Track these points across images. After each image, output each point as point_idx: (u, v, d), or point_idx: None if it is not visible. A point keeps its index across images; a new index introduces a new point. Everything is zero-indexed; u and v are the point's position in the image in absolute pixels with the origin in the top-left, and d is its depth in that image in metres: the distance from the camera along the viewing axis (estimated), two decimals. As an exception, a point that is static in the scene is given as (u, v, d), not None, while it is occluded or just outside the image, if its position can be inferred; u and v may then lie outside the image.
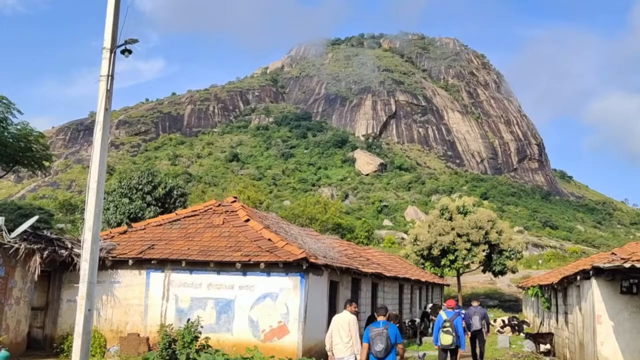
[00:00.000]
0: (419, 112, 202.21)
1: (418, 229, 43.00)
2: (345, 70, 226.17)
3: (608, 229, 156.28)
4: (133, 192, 32.81)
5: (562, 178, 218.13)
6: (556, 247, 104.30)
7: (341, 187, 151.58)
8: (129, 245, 17.38)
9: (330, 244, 21.57)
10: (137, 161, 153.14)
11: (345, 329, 10.77)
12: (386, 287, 24.30)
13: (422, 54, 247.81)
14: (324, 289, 16.81)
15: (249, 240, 16.60)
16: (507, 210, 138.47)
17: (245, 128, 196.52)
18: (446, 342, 13.98)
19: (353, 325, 10.88)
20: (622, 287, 12.73)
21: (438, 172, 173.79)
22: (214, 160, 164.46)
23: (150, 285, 16.49)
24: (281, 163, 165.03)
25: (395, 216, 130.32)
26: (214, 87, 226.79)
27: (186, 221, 18.64)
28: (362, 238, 67.18)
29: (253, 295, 15.53)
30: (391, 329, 10.12)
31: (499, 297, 48.35)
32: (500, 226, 41.36)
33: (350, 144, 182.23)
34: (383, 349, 9.81)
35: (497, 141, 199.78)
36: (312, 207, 67.85)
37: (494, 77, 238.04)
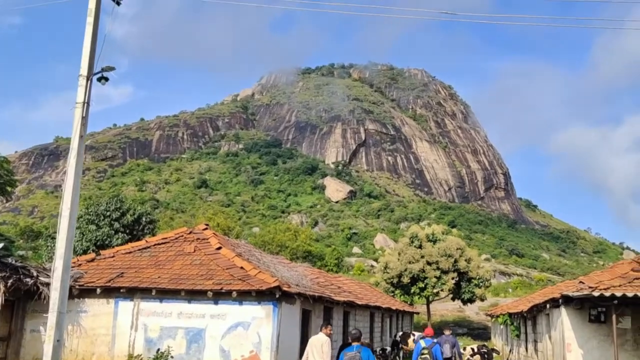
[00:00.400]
0: (388, 140, 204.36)
1: (388, 257, 43.13)
2: (316, 98, 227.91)
3: (572, 257, 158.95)
4: (100, 218, 32.25)
5: (527, 207, 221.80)
6: (522, 275, 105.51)
7: (311, 214, 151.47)
8: (97, 273, 17.05)
9: (302, 272, 21.49)
10: (103, 187, 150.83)
11: (318, 350, 11.07)
12: (358, 315, 24.24)
13: (391, 84, 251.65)
14: (296, 317, 16.70)
15: (221, 269, 16.44)
16: (475, 239, 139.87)
17: (215, 154, 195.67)
18: None
19: (326, 346, 11.14)
20: (590, 316, 12.98)
21: (407, 199, 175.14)
22: (182, 186, 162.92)
23: (118, 314, 16.16)
24: (250, 190, 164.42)
25: (364, 243, 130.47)
26: (184, 113, 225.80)
27: (156, 249, 18.40)
28: (331, 265, 67.03)
29: (224, 324, 15.34)
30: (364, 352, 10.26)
31: (467, 325, 48.56)
32: (469, 254, 41.75)
33: (320, 171, 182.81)
34: None
35: (464, 170, 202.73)
36: (282, 234, 67.56)
37: (461, 107, 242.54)
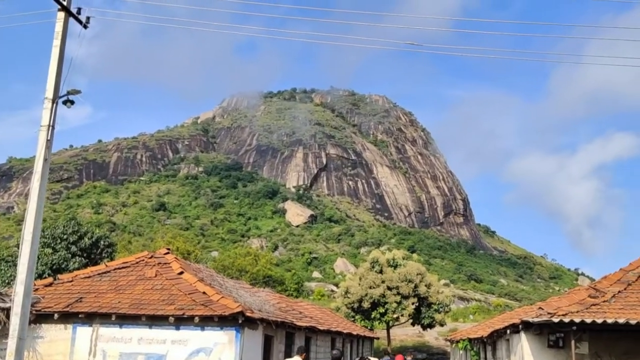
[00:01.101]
0: (349, 165, 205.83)
1: (349, 282, 43.20)
2: (278, 122, 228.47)
3: (529, 283, 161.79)
4: (57, 241, 31.49)
5: (485, 233, 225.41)
6: (481, 301, 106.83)
7: (271, 238, 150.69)
8: (55, 298, 16.64)
9: (264, 297, 21.37)
10: (58, 209, 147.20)
11: None
12: (319, 340, 24.18)
13: (352, 109, 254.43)
14: (258, 343, 16.58)
15: (183, 294, 16.26)
16: (434, 264, 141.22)
17: (174, 177, 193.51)
18: None
19: None
20: (549, 341, 13.27)
21: (367, 224, 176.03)
22: (140, 209, 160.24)
23: (76, 340, 15.78)
24: (210, 213, 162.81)
25: (324, 268, 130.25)
26: (143, 135, 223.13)
27: (116, 273, 18.08)
28: (292, 290, 66.70)
29: (186, 350, 15.13)
30: None
31: (427, 350, 48.80)
32: (429, 279, 42.17)
33: (281, 195, 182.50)
34: None
35: (424, 196, 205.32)
36: (242, 258, 66.96)
37: (421, 134, 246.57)
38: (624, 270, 14.91)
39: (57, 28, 10.31)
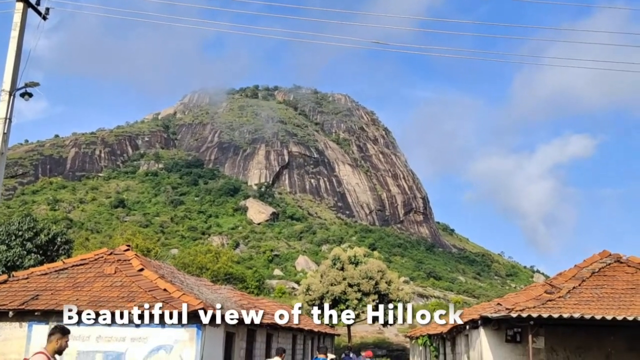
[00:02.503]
0: (311, 163, 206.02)
1: (310, 279, 43.32)
2: (240, 119, 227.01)
3: (486, 280, 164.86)
4: (11, 238, 30.61)
5: (445, 231, 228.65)
6: (440, 297, 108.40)
7: (232, 235, 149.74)
8: (10, 295, 16.22)
9: (226, 294, 21.27)
10: (12, 205, 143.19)
11: None
12: (280, 337, 24.18)
13: (315, 108, 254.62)
14: (220, 340, 16.52)
15: (143, 291, 16.07)
16: (394, 261, 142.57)
17: (133, 174, 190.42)
18: None
19: None
20: (507, 336, 13.59)
21: (329, 222, 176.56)
22: (97, 205, 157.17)
23: (32, 338, 15.44)
24: (170, 210, 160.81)
25: (286, 265, 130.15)
26: (101, 130, 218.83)
27: (74, 270, 17.73)
28: (253, 288, 66.42)
29: (146, 348, 14.96)
30: None
31: (387, 347, 49.28)
32: (390, 277, 42.59)
33: (243, 192, 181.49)
34: None
35: (384, 194, 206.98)
36: (202, 256, 66.38)
37: (383, 133, 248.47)
38: (579, 267, 15.36)
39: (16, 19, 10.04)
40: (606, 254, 15.78)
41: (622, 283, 14.40)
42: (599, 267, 15.11)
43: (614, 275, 14.82)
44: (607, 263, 15.32)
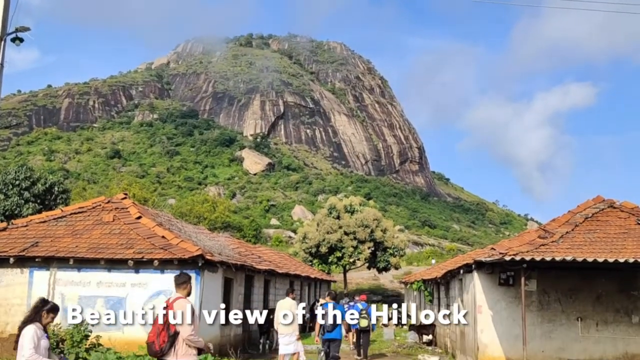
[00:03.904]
0: (306, 113, 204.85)
1: (307, 228, 43.77)
2: (234, 69, 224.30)
3: (480, 228, 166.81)
4: (9, 187, 30.73)
5: (440, 180, 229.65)
6: (434, 245, 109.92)
7: (228, 186, 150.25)
8: (10, 242, 16.40)
9: (224, 242, 21.53)
10: (8, 156, 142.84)
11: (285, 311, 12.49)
12: (278, 283, 24.61)
13: (310, 57, 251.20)
14: (218, 285, 16.81)
15: (141, 238, 16.24)
16: (389, 210, 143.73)
17: (128, 124, 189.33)
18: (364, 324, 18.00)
19: (294, 308, 12.88)
20: (500, 279, 13.88)
21: (325, 172, 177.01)
22: (93, 156, 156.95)
23: (33, 284, 15.70)
24: (166, 161, 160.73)
25: (282, 215, 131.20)
26: (95, 80, 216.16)
27: (73, 218, 17.86)
28: (250, 237, 67.00)
29: (146, 293, 15.25)
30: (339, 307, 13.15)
31: (382, 293, 50.19)
32: (385, 225, 43.04)
33: (238, 143, 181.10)
34: (331, 325, 12.82)
35: (380, 144, 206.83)
36: (200, 205, 66.74)
37: (379, 82, 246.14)
38: (572, 213, 15.55)
39: (4, -40, 9.80)
40: (600, 200, 15.95)
41: (614, 228, 14.62)
42: (592, 212, 15.30)
43: (607, 220, 15.02)
44: (601, 208, 15.50)
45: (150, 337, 6.77)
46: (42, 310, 7.01)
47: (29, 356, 6.61)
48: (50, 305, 7.08)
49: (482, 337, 13.99)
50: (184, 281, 7.25)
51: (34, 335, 6.72)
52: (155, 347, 6.71)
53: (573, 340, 13.81)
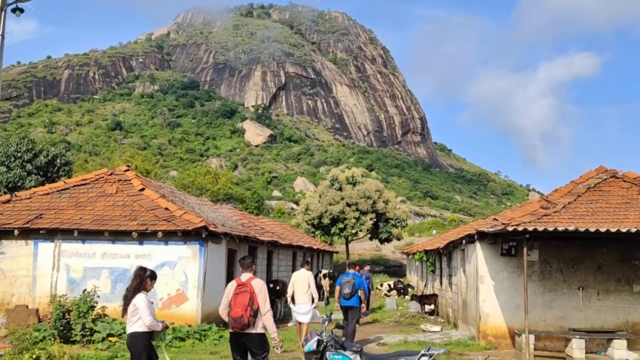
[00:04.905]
0: (308, 84, 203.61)
1: (309, 199, 43.80)
2: (234, 39, 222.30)
3: (482, 199, 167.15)
4: (11, 159, 30.73)
5: (442, 151, 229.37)
6: (436, 216, 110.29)
7: (230, 157, 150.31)
8: (14, 214, 16.47)
9: (227, 213, 21.60)
10: (9, 128, 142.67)
11: (304, 282, 13.43)
12: (281, 254, 24.77)
13: (311, 26, 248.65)
14: (222, 256, 16.92)
15: (145, 210, 16.30)
16: (391, 181, 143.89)
17: (129, 95, 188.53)
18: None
19: (311, 280, 13.59)
20: (502, 250, 13.93)
21: (326, 144, 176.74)
22: (94, 128, 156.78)
23: (38, 255, 15.81)
24: (167, 132, 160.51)
25: (284, 187, 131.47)
26: (94, 51, 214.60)
27: (76, 190, 17.89)
28: (252, 208, 67.23)
29: (150, 264, 15.28)
30: (357, 279, 13.78)
31: (384, 263, 50.52)
32: (387, 196, 43.05)
33: (240, 114, 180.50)
34: (349, 293, 13.49)
35: (382, 115, 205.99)
36: (202, 177, 66.85)
37: (381, 52, 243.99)
38: (575, 183, 15.54)
39: None
40: (602, 170, 15.90)
41: (616, 198, 14.61)
42: (595, 182, 15.27)
43: (609, 190, 15.00)
44: (603, 178, 15.46)
45: (237, 311, 7.52)
46: (145, 278, 7.50)
47: (150, 322, 7.25)
48: (150, 272, 7.55)
49: (484, 307, 14.10)
50: (250, 263, 8.09)
51: (148, 302, 7.34)
52: (243, 320, 7.49)
53: (574, 309, 13.93)
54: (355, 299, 13.66)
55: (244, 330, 7.59)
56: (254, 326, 7.62)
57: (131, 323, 7.33)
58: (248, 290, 7.60)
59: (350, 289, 13.50)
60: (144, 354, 7.41)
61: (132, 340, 7.36)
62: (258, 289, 7.67)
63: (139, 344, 7.34)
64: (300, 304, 13.35)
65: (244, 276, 7.87)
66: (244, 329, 7.57)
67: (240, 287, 7.69)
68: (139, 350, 7.35)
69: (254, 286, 7.66)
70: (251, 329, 7.61)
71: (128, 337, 7.42)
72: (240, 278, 7.87)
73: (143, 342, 7.37)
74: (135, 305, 7.26)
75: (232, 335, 7.80)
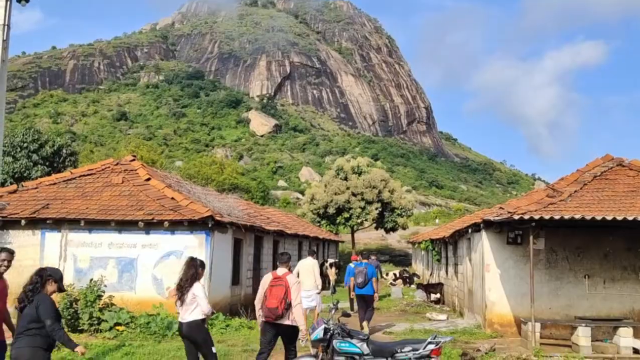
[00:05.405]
0: (313, 74, 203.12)
1: (315, 189, 43.82)
2: (239, 29, 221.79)
3: (488, 188, 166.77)
4: (17, 150, 30.84)
5: (447, 140, 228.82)
6: (442, 205, 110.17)
7: (236, 147, 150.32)
8: (21, 204, 16.52)
9: (232, 203, 21.65)
10: (14, 119, 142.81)
11: (310, 270, 14.13)
12: (287, 244, 24.83)
13: (316, 16, 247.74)
14: (228, 246, 16.97)
15: (151, 199, 16.32)
16: (397, 171, 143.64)
17: (134, 86, 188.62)
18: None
19: (316, 268, 14.35)
20: (509, 238, 13.92)
21: (332, 133, 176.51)
22: (100, 118, 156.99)
23: (45, 245, 15.87)
24: (172, 123, 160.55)
25: (290, 177, 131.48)
26: (99, 42, 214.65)
27: (82, 180, 17.94)
28: (258, 198, 67.25)
29: (157, 254, 15.40)
30: (369, 268, 14.32)
31: (389, 253, 50.60)
32: (393, 185, 43.03)
33: (245, 104, 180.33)
34: (362, 282, 14.11)
35: (387, 104, 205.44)
36: (207, 167, 66.86)
37: (386, 41, 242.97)
38: (581, 171, 15.47)
39: None
40: (609, 158, 15.83)
41: (623, 186, 14.54)
42: (601, 170, 15.20)
43: (615, 179, 14.93)
44: (609, 167, 15.39)
45: (273, 302, 8.10)
46: (199, 268, 7.93)
47: (209, 310, 7.79)
48: (200, 262, 8.02)
49: (490, 295, 14.12)
50: (287, 259, 8.72)
51: (205, 291, 7.87)
52: (278, 312, 8.07)
53: (580, 297, 13.93)
54: (370, 287, 14.21)
55: (277, 321, 8.17)
56: (287, 318, 8.22)
57: (189, 311, 7.66)
58: (284, 284, 8.19)
59: (363, 278, 14.12)
60: (209, 338, 7.85)
61: (194, 328, 7.67)
62: (292, 284, 8.27)
63: (202, 331, 7.75)
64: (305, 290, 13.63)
65: (279, 270, 8.51)
66: (277, 320, 8.15)
67: (276, 280, 8.29)
68: (203, 336, 7.76)
69: (289, 281, 8.26)
70: (284, 320, 8.20)
71: (186, 326, 7.67)
72: (276, 272, 8.50)
73: (204, 329, 7.84)
74: (194, 294, 7.59)
75: (266, 324, 8.34)
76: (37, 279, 6.42)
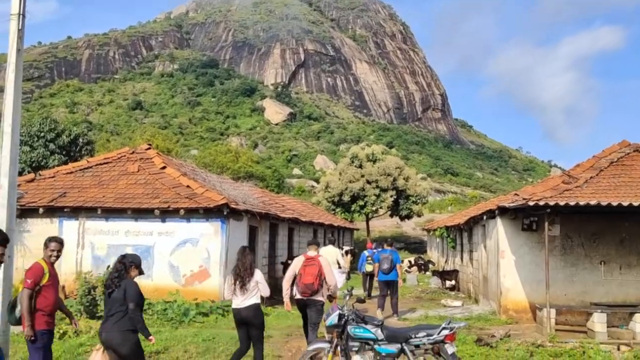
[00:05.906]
0: (327, 61, 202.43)
1: (329, 177, 43.86)
2: (253, 17, 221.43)
3: (503, 175, 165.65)
4: (34, 139, 31.17)
5: (463, 127, 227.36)
6: (457, 193, 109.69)
7: (250, 136, 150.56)
8: (39, 193, 16.76)
9: (247, 191, 21.75)
10: (31, 108, 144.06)
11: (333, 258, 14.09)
12: (302, 231, 24.92)
13: (330, 3, 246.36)
14: (243, 233, 17.07)
15: (166, 188, 16.46)
16: (412, 158, 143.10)
17: (149, 75, 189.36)
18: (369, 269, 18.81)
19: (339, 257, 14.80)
20: (524, 225, 13.87)
21: (346, 121, 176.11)
22: (115, 107, 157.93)
23: (63, 233, 16.04)
24: (187, 111, 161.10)
25: (304, 165, 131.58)
26: (114, 31, 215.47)
27: (99, 169, 18.14)
28: (273, 186, 67.46)
29: (173, 241, 15.56)
30: (394, 255, 14.86)
31: (405, 240, 50.56)
32: (407, 173, 42.93)
33: (259, 92, 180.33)
34: (387, 268, 14.60)
35: (402, 91, 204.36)
36: (222, 156, 67.12)
37: (401, 28, 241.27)
38: (597, 157, 15.34)
39: None
40: (626, 144, 15.66)
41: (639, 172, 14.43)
42: (618, 156, 15.05)
43: (632, 165, 14.78)
44: (626, 153, 15.23)
45: (309, 279, 9.08)
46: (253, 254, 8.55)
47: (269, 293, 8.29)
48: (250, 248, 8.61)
49: (505, 282, 14.10)
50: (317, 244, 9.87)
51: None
52: (314, 287, 9.04)
53: (596, 283, 13.86)
54: (394, 273, 14.70)
55: (312, 296, 9.12)
56: (320, 294, 9.14)
57: (251, 296, 8.05)
58: (316, 264, 9.16)
59: (389, 265, 14.61)
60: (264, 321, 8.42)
61: (257, 310, 8.07)
62: (324, 264, 9.24)
63: (261, 314, 8.20)
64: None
65: (310, 252, 9.47)
66: (312, 295, 9.09)
67: (308, 260, 9.27)
68: (262, 319, 8.24)
69: (321, 261, 9.25)
70: (318, 296, 9.14)
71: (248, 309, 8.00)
72: (308, 254, 9.46)
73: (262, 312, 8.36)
74: (257, 280, 8.04)
75: (300, 301, 9.30)
76: (120, 266, 6.69)
